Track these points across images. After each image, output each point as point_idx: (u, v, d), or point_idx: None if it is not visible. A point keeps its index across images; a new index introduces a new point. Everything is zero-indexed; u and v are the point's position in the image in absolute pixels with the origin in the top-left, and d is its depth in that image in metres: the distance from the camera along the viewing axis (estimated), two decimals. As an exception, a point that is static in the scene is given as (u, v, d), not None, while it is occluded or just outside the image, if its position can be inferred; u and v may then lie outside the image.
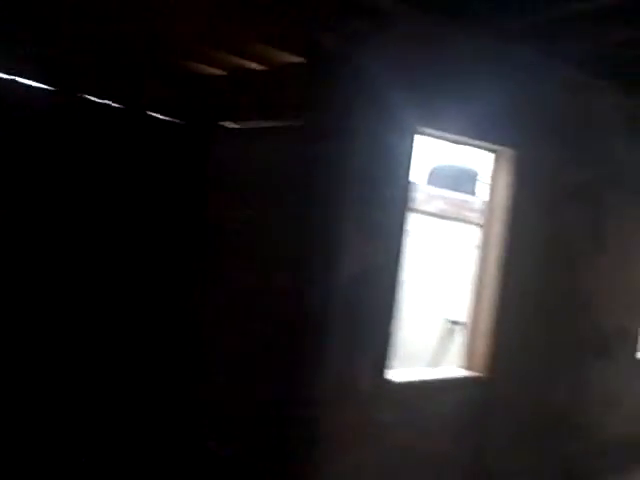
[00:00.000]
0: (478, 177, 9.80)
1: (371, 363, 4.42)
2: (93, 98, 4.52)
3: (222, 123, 5.01)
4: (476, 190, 9.66)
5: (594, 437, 6.05)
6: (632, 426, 6.39)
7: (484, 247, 5.15)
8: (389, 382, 4.56)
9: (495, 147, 5.07)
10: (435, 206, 8.44)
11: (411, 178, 4.53)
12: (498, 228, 5.09)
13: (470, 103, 4.73)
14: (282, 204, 4.14)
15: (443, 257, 8.22)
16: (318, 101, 4.02)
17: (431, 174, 9.72)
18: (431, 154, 9.61)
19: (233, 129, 4.99)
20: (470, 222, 8.18)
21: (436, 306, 8.14)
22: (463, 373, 5.15)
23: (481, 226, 5.19)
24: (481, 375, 5.09)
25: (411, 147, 4.48)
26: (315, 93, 3.94)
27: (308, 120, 4.02)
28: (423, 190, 8.55)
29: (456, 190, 9.03)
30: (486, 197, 5.15)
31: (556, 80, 5.30)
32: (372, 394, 4.44)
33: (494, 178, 5.15)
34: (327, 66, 3.98)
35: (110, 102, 4.59)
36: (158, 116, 4.89)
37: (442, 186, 9.08)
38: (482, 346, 5.12)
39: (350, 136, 4.01)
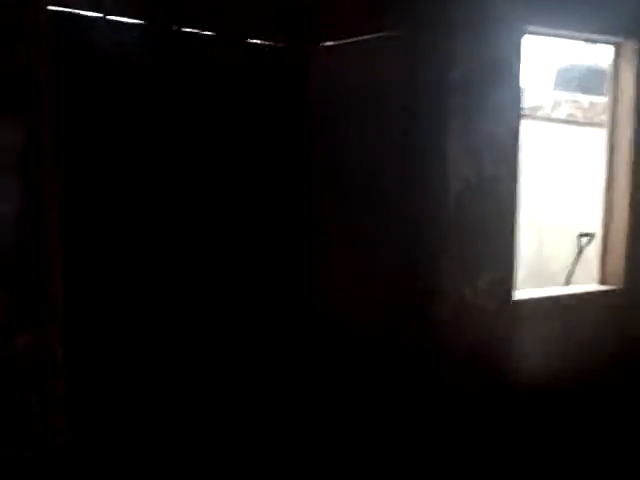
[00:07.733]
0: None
1: (493, 281, 4.22)
2: (185, 29, 4.22)
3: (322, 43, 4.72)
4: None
5: None
6: None
7: (612, 152, 4.73)
8: (515, 301, 4.35)
9: (618, 40, 4.57)
10: (563, 112, 7.85)
11: (522, 83, 4.18)
12: (626, 130, 4.64)
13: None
14: (385, 123, 3.89)
15: (575, 166, 7.69)
16: (416, 5, 3.73)
17: (557, 77, 9.03)
18: (556, 55, 8.94)
19: (332, 47, 4.68)
20: (602, 126, 7.57)
21: (568, 219, 7.67)
22: (597, 288, 4.82)
23: (607, 129, 4.75)
24: (616, 288, 4.75)
25: (519, 49, 4.11)
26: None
27: (406, 28, 3.73)
28: (548, 95, 7.97)
29: (586, 92, 8.34)
30: (610, 97, 4.69)
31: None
32: (496, 313, 4.24)
33: (617, 75, 4.67)
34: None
35: (201, 31, 4.28)
36: (255, 41, 4.56)
37: (570, 89, 8.41)
38: (616, 257, 4.77)
39: (451, 42, 3.71)
